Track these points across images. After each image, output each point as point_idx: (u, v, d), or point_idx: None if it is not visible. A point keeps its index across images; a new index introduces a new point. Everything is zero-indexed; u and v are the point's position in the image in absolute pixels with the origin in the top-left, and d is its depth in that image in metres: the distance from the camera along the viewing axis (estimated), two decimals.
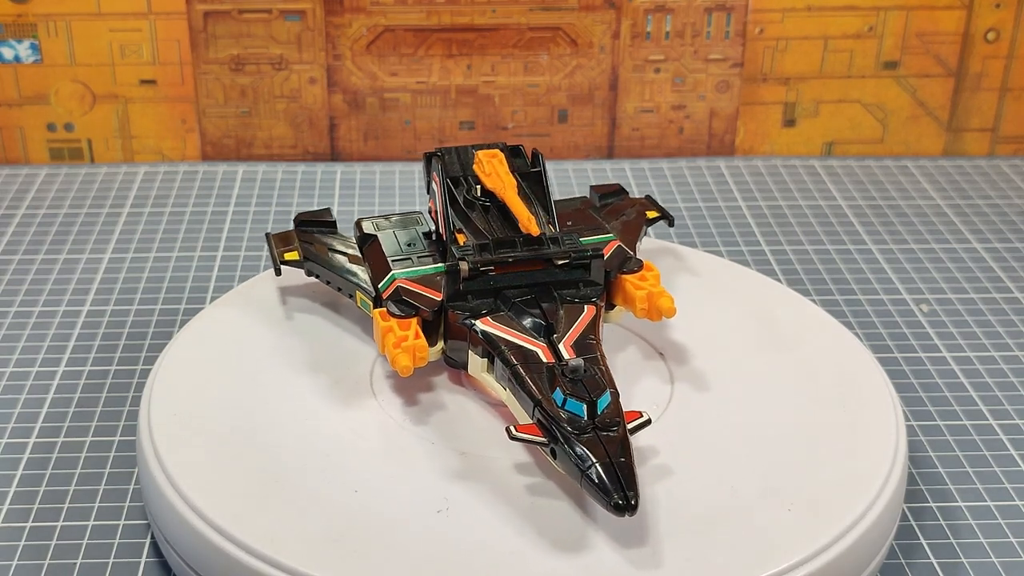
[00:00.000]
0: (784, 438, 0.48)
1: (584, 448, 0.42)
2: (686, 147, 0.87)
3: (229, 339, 0.54)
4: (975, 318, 0.66)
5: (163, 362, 0.52)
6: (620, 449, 0.42)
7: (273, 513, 0.44)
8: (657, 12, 0.83)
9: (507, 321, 0.48)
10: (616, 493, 0.41)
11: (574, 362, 0.45)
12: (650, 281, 0.51)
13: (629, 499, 0.41)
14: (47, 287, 0.68)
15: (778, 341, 0.55)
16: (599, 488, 0.41)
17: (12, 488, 0.52)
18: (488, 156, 0.53)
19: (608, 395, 0.44)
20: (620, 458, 0.42)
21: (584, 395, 0.43)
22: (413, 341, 0.48)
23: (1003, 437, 0.56)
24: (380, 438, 0.48)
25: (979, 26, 0.85)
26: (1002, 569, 0.48)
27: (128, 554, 0.48)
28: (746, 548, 0.43)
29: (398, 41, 0.82)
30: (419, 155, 0.86)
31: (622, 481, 0.41)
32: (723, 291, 0.58)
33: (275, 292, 0.58)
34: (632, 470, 0.42)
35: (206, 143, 0.85)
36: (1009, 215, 0.79)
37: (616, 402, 0.44)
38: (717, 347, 0.54)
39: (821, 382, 0.52)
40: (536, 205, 0.53)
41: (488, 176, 0.52)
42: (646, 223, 0.58)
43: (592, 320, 0.48)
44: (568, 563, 0.42)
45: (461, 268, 0.49)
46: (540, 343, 0.47)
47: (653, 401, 0.50)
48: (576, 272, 0.50)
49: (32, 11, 0.81)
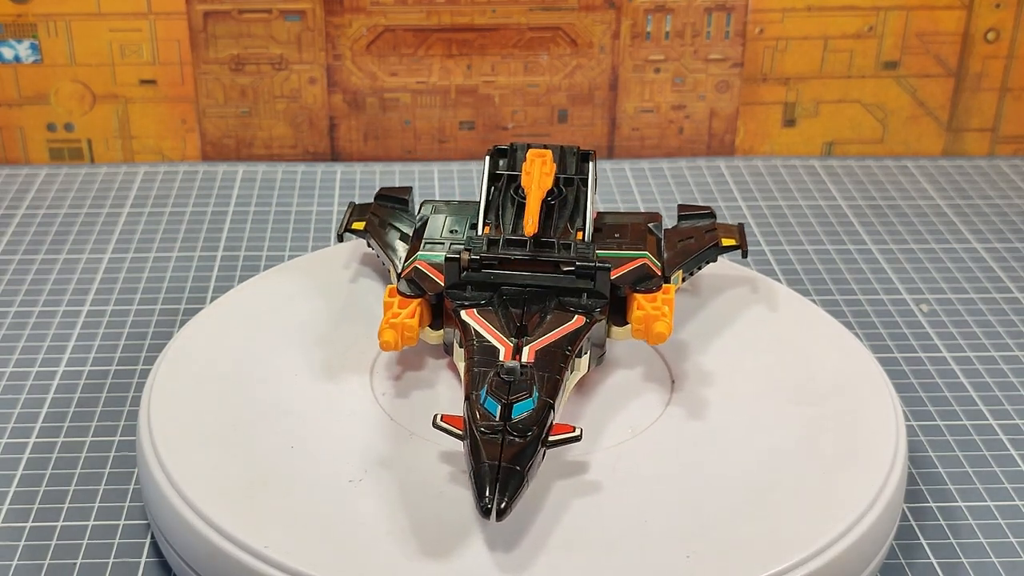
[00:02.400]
0: (784, 438, 0.48)
1: (481, 446, 0.42)
2: (686, 147, 0.87)
3: (229, 339, 0.54)
4: (975, 318, 0.66)
5: (163, 362, 0.52)
6: (515, 456, 0.41)
7: (273, 513, 0.44)
8: (657, 12, 0.83)
9: (489, 316, 0.49)
10: (484, 497, 0.40)
11: (510, 364, 0.44)
12: (657, 302, 0.50)
13: (492, 505, 0.40)
14: (47, 287, 0.68)
15: (778, 341, 0.55)
16: (474, 487, 0.41)
17: (12, 488, 0.52)
18: (536, 155, 0.54)
19: (531, 403, 0.43)
20: (512, 465, 0.41)
21: (503, 397, 0.43)
22: (404, 320, 0.49)
23: (1003, 437, 0.56)
24: (381, 438, 0.48)
25: (979, 26, 0.85)
26: (1002, 569, 0.48)
27: (128, 554, 0.48)
28: (746, 548, 0.43)
29: (398, 41, 0.82)
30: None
31: (497, 486, 0.41)
32: (723, 291, 0.58)
33: (275, 292, 0.58)
34: (516, 480, 0.41)
35: (206, 143, 0.85)
36: (1009, 215, 0.79)
37: (541, 412, 0.43)
38: (717, 347, 0.54)
39: (821, 382, 0.52)
40: (576, 211, 0.53)
41: (526, 175, 0.53)
42: (717, 250, 0.56)
43: (576, 331, 0.48)
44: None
45: (461, 258, 0.50)
46: (508, 342, 0.47)
47: (652, 400, 0.50)
48: (582, 281, 0.50)
49: (32, 11, 0.81)
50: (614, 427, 0.49)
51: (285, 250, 0.72)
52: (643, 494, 0.45)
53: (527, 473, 0.41)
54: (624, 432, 0.48)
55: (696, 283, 0.59)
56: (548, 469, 0.45)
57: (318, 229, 0.75)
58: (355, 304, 0.57)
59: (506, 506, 0.40)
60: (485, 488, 0.41)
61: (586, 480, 0.46)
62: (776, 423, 0.49)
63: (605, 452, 0.47)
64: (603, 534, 0.43)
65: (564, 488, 0.45)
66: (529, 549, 0.42)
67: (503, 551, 0.42)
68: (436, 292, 0.50)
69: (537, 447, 0.42)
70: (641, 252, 0.53)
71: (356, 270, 0.60)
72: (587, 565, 0.42)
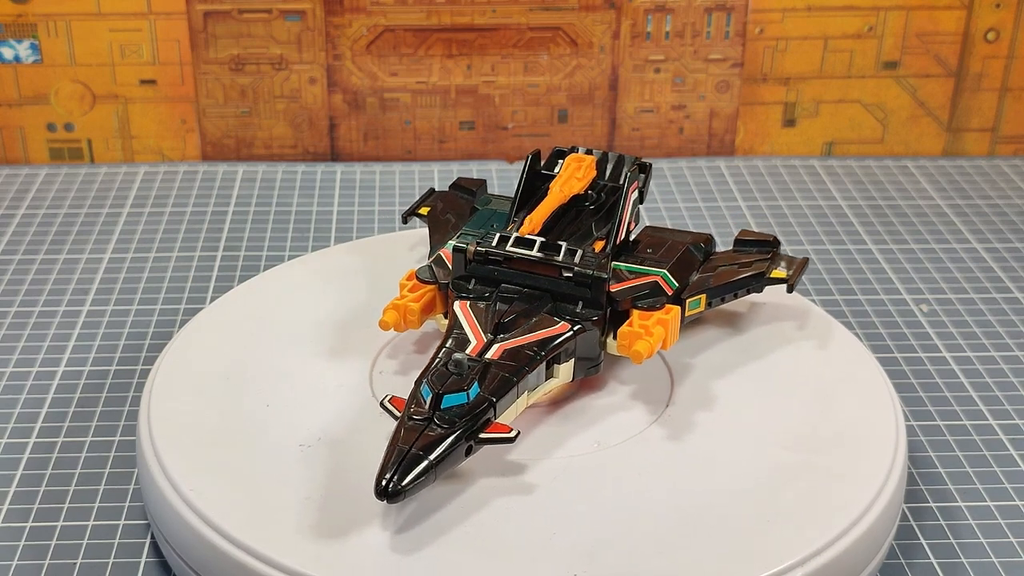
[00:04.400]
0: (784, 438, 0.48)
1: (399, 430, 0.43)
2: (686, 147, 0.87)
3: (229, 339, 0.54)
4: (975, 318, 0.66)
5: (163, 362, 0.52)
6: (428, 445, 0.42)
7: (273, 513, 0.44)
8: (657, 12, 0.83)
9: (478, 310, 0.49)
10: (384, 477, 0.41)
11: (459, 356, 0.45)
12: (651, 321, 0.49)
13: (387, 485, 0.41)
14: (47, 287, 0.68)
15: (778, 341, 0.55)
16: (380, 466, 0.42)
17: (12, 488, 0.52)
18: (575, 160, 0.54)
19: (465, 396, 0.44)
20: (421, 452, 0.42)
21: (437, 386, 0.44)
22: (409, 303, 0.50)
23: (1003, 437, 0.56)
24: (381, 438, 0.48)
25: (979, 26, 0.85)
26: (1002, 569, 0.48)
27: (128, 554, 0.48)
28: (746, 548, 0.43)
29: (398, 41, 0.82)
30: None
31: (397, 468, 0.41)
32: (767, 322, 0.57)
33: (276, 292, 0.58)
34: (420, 467, 0.42)
35: (206, 143, 0.85)
36: (1009, 215, 0.79)
37: (476, 407, 0.44)
38: (716, 347, 0.54)
39: (821, 382, 0.52)
40: (611, 219, 0.52)
41: (557, 177, 0.53)
42: (761, 281, 0.54)
43: (553, 337, 0.48)
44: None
45: (468, 250, 0.50)
46: (482, 337, 0.47)
47: (653, 400, 0.50)
48: (581, 289, 0.49)
49: (32, 11, 0.81)
50: (582, 439, 0.48)
51: (285, 250, 0.72)
52: (563, 508, 0.44)
53: (435, 463, 0.42)
54: (589, 445, 0.48)
55: (744, 310, 0.57)
56: (486, 468, 0.46)
57: (318, 229, 0.75)
58: (355, 305, 0.57)
59: (399, 488, 0.41)
60: (386, 470, 0.42)
61: (519, 482, 0.45)
62: (775, 423, 0.49)
63: (557, 460, 0.47)
64: (507, 538, 0.43)
65: (491, 488, 0.45)
66: (425, 536, 0.42)
67: (395, 532, 0.42)
68: (444, 281, 0.51)
69: (457, 439, 0.43)
70: (659, 270, 0.52)
71: (357, 270, 0.60)
72: (477, 565, 0.42)
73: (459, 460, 0.43)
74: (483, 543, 0.43)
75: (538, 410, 0.50)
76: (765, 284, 0.54)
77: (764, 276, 0.54)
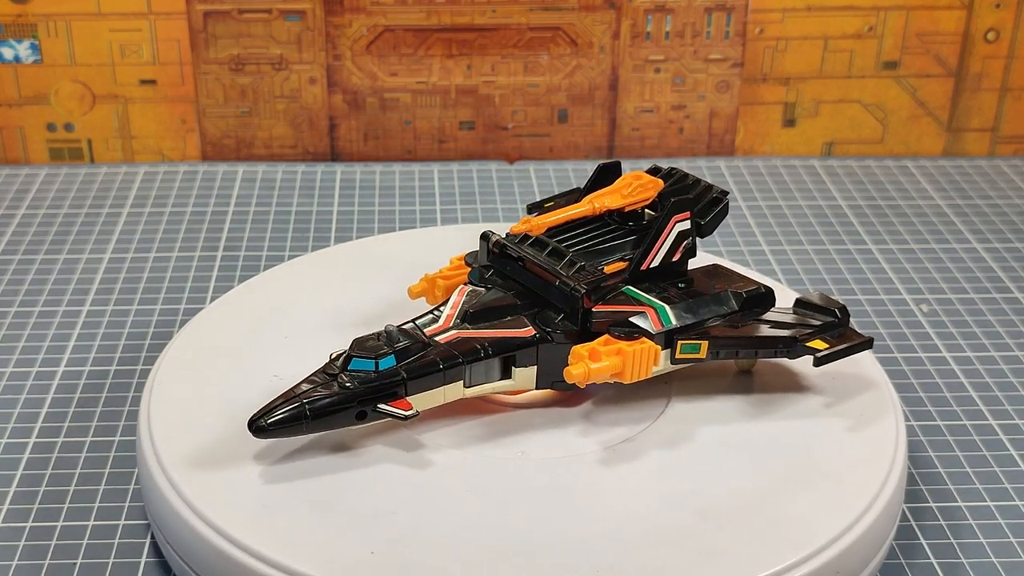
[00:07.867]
0: (783, 438, 0.48)
1: (302, 381, 0.46)
2: (686, 147, 0.87)
3: (229, 339, 0.54)
4: (975, 318, 0.66)
5: (163, 362, 0.52)
6: (315, 398, 0.45)
7: (273, 513, 0.44)
8: (657, 12, 0.83)
9: (470, 296, 0.50)
10: (262, 413, 0.45)
11: (390, 327, 0.47)
12: (611, 348, 0.47)
13: (255, 418, 0.44)
14: (47, 287, 0.68)
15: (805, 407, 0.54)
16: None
17: (12, 488, 0.52)
18: (633, 177, 0.54)
19: (372, 363, 0.45)
20: (305, 401, 0.44)
21: (354, 350, 0.46)
22: (439, 278, 0.53)
23: (1003, 437, 0.56)
24: (381, 437, 0.48)
25: (979, 26, 0.85)
26: (1002, 569, 0.48)
27: (128, 554, 0.48)
28: (745, 548, 0.43)
29: (398, 41, 0.82)
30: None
31: (273, 410, 0.44)
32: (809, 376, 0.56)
33: (276, 292, 0.58)
34: (292, 412, 0.44)
35: (206, 143, 0.85)
36: (1009, 215, 0.79)
37: (379, 378, 0.45)
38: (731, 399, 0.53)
39: (821, 382, 0.52)
40: (645, 241, 0.51)
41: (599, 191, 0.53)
42: (798, 349, 0.49)
43: (512, 339, 0.48)
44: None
45: (491, 241, 0.51)
46: (450, 321, 0.48)
47: (652, 399, 0.50)
48: (565, 301, 0.48)
49: (32, 11, 0.81)
50: (583, 439, 0.48)
51: (285, 250, 0.72)
52: (563, 507, 0.44)
53: (311, 415, 0.44)
54: (590, 445, 0.48)
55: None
56: (486, 468, 0.46)
57: (318, 229, 0.75)
58: (356, 305, 0.57)
59: (262, 425, 0.44)
60: (268, 406, 0.45)
61: (519, 482, 0.46)
62: (775, 423, 0.49)
63: (557, 460, 0.47)
64: (507, 538, 0.43)
65: (489, 488, 0.45)
66: (424, 538, 0.43)
67: (395, 533, 0.43)
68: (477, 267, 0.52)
69: (346, 400, 0.45)
70: (659, 303, 0.48)
71: (357, 270, 0.60)
72: (478, 566, 0.42)
73: (347, 422, 0.45)
74: (482, 543, 0.43)
75: (538, 410, 0.50)
76: (799, 353, 0.49)
77: (796, 342, 0.49)
